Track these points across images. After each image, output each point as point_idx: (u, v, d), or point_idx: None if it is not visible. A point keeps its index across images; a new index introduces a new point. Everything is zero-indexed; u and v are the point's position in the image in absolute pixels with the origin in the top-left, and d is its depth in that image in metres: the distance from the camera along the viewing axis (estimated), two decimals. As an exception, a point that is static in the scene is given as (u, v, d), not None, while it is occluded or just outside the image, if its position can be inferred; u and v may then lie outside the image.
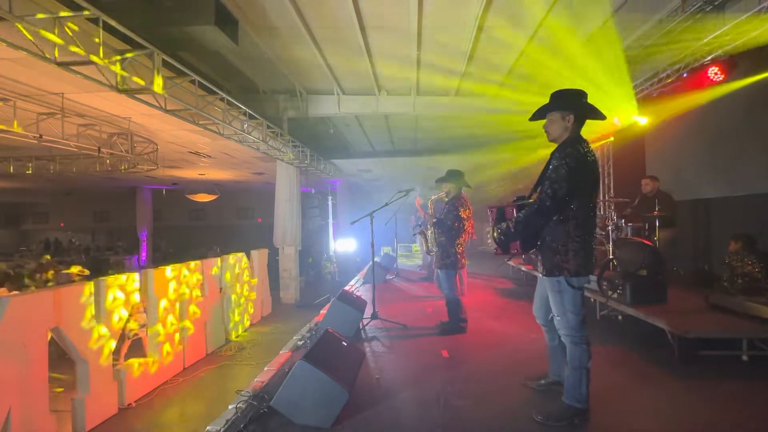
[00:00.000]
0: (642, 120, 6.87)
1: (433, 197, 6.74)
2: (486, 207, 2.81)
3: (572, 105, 2.56)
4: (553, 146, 2.62)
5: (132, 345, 6.04)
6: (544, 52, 6.63)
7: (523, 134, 8.46)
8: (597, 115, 2.60)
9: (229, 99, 6.20)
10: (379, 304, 5.47)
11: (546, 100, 2.66)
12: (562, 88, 2.66)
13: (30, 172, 9.64)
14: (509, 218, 2.60)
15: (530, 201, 2.60)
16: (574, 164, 2.39)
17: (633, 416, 2.77)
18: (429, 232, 5.07)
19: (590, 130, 7.99)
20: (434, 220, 4.85)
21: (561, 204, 2.42)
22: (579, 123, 2.55)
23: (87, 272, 7.12)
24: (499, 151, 11.57)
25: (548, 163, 2.56)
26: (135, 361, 4.64)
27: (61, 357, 4.22)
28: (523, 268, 8.02)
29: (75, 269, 7.08)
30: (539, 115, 2.66)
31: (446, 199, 4.87)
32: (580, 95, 2.61)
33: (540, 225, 2.52)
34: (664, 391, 3.10)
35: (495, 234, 2.61)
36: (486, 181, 13.32)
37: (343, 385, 2.79)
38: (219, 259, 6.69)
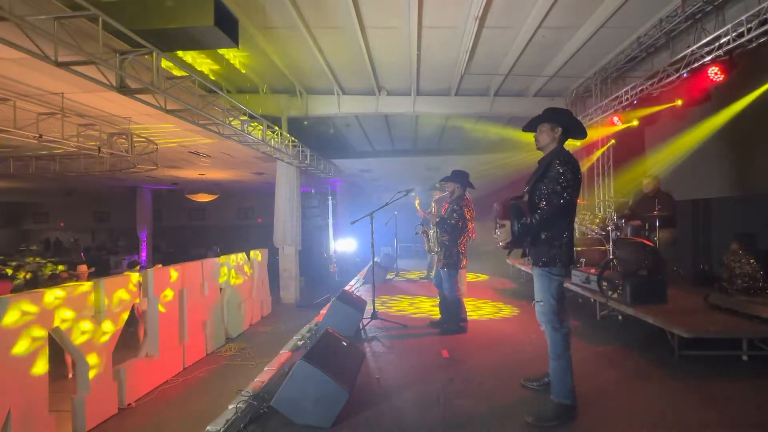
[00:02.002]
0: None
1: (435, 197, 6.74)
2: (497, 202, 2.89)
3: (561, 119, 2.86)
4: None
5: (132, 345, 6.04)
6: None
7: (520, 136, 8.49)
8: (581, 133, 2.94)
9: (229, 99, 6.21)
10: (379, 304, 5.47)
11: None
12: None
13: (31, 171, 9.65)
14: (527, 215, 2.73)
15: (525, 200, 2.84)
16: (575, 169, 2.68)
17: (633, 416, 2.77)
18: (431, 231, 5.07)
19: (592, 131, 8.06)
20: (437, 220, 4.84)
21: (572, 204, 2.69)
22: (565, 136, 2.87)
23: (92, 269, 7.20)
24: (499, 152, 11.60)
25: (546, 168, 2.77)
26: (135, 361, 4.64)
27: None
28: (523, 268, 8.03)
29: (82, 268, 7.13)
30: (531, 125, 2.96)
31: (440, 199, 4.86)
32: (569, 113, 2.96)
33: (556, 224, 2.70)
34: (663, 391, 3.11)
35: (515, 227, 2.72)
36: (485, 181, 13.34)
37: (343, 385, 2.79)
38: (219, 259, 6.70)
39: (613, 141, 8.19)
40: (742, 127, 5.90)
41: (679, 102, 5.81)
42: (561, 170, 2.65)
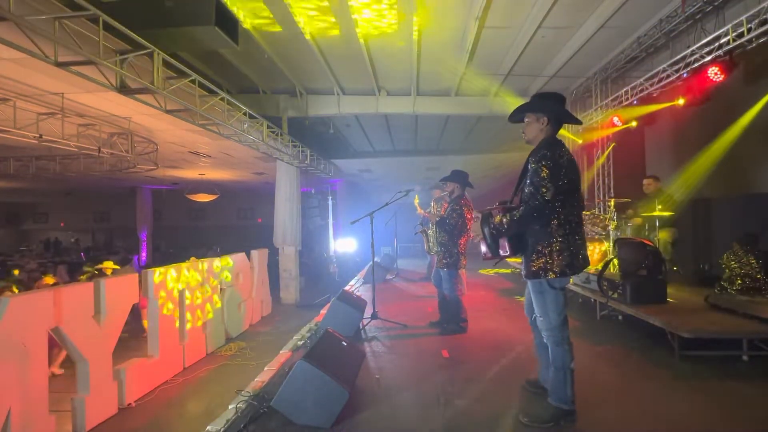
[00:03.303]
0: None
1: (435, 196, 6.74)
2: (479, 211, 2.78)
3: (547, 108, 2.62)
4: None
5: (131, 345, 6.04)
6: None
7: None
8: (572, 119, 2.74)
9: (229, 99, 6.20)
10: (379, 304, 5.48)
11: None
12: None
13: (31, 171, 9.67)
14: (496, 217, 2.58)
15: (512, 205, 2.63)
16: (551, 164, 2.42)
17: (633, 416, 2.77)
18: (431, 231, 5.07)
19: (592, 133, 8.03)
20: (437, 220, 4.85)
21: (552, 204, 2.43)
22: (554, 126, 2.62)
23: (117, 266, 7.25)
24: (499, 151, 11.61)
25: (525, 167, 2.60)
26: (135, 361, 4.63)
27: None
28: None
29: (108, 264, 7.17)
30: (516, 115, 2.72)
31: (440, 198, 4.85)
32: (557, 100, 2.69)
33: (534, 226, 2.51)
34: (663, 392, 3.11)
35: (486, 230, 2.56)
36: (485, 181, 13.34)
37: (343, 385, 2.79)
38: (219, 259, 6.69)
39: (613, 144, 8.20)
40: (744, 127, 5.90)
41: (681, 101, 5.77)
42: (534, 167, 2.44)
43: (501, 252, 2.63)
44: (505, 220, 2.50)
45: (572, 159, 2.56)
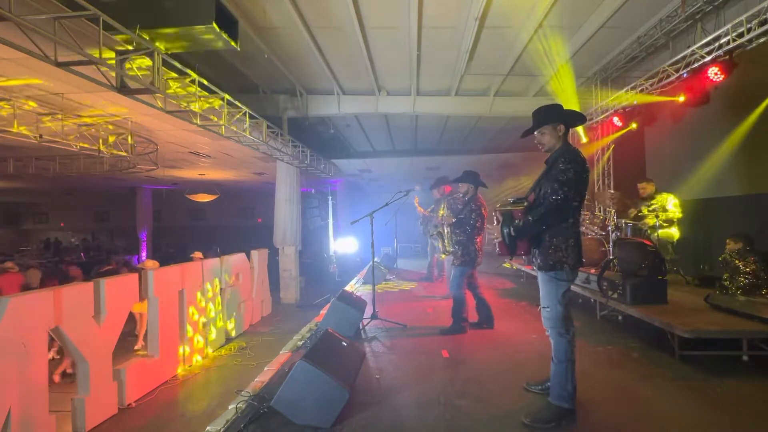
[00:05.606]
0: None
1: (436, 197, 6.74)
2: (493, 210, 2.88)
3: (560, 116, 2.80)
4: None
5: (131, 345, 6.04)
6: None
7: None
8: (581, 120, 2.92)
9: (230, 99, 6.20)
10: (379, 304, 5.47)
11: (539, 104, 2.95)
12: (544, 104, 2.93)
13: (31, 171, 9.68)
14: (519, 219, 2.69)
15: (527, 202, 2.76)
16: (579, 169, 2.60)
17: (633, 416, 2.77)
18: (446, 231, 5.10)
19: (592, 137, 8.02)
20: (453, 220, 4.89)
21: (570, 204, 2.60)
22: (567, 131, 2.80)
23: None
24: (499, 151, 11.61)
25: (550, 167, 2.72)
26: (135, 361, 4.63)
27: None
28: (523, 268, 8.03)
29: (150, 263, 7.22)
30: (532, 131, 2.89)
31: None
32: (561, 107, 2.89)
33: (553, 224, 2.64)
34: (663, 392, 3.11)
35: (506, 231, 2.70)
36: (485, 181, 13.30)
37: (343, 385, 2.79)
38: (219, 259, 6.69)
39: (614, 145, 8.21)
40: (741, 126, 5.90)
41: (681, 98, 5.72)
42: (563, 168, 2.60)
43: (519, 251, 2.78)
44: (527, 221, 2.64)
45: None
